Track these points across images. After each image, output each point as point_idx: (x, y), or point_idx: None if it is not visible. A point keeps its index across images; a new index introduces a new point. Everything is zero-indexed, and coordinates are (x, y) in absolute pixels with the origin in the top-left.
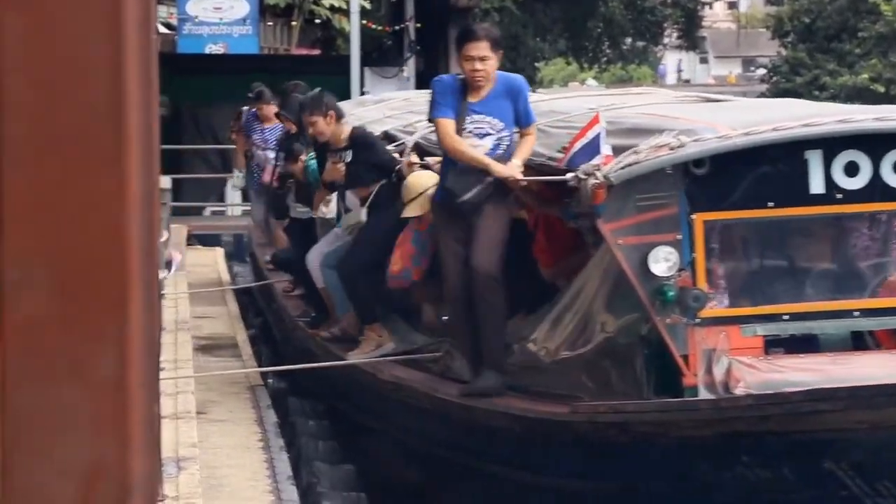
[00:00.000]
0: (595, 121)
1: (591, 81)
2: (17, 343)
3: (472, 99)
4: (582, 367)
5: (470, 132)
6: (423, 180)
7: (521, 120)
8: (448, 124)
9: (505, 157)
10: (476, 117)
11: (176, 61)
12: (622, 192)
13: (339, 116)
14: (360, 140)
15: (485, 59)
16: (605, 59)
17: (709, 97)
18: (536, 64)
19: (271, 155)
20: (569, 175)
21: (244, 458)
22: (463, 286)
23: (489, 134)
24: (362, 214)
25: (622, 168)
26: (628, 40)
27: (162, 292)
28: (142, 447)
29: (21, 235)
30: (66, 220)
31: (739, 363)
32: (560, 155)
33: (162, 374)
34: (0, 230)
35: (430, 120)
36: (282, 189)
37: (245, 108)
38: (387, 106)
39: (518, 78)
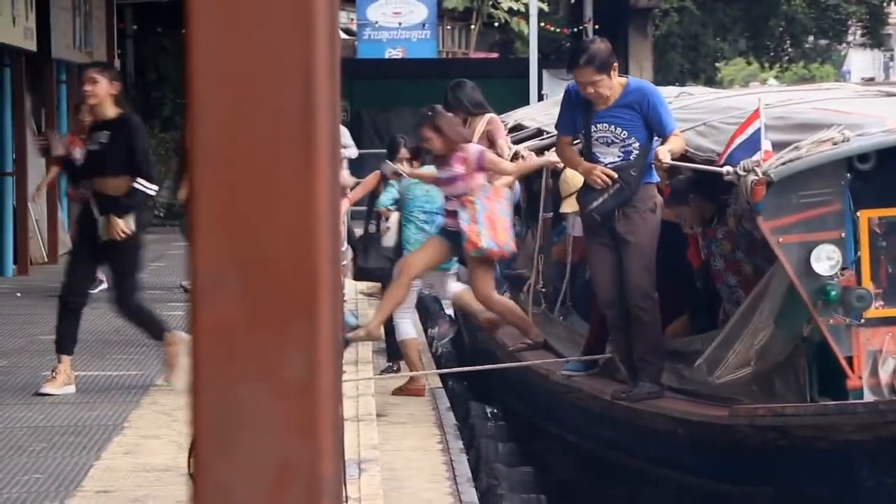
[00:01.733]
0: (755, 116)
1: (772, 81)
2: (208, 345)
3: (597, 108)
4: (749, 376)
5: (597, 140)
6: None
7: (656, 129)
8: (563, 139)
9: (640, 167)
10: (600, 126)
11: (356, 66)
12: (783, 189)
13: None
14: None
15: (594, 83)
16: (786, 58)
17: (892, 91)
18: (717, 64)
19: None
20: (726, 169)
21: (424, 459)
22: (616, 294)
23: (613, 143)
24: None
25: (782, 164)
26: (810, 38)
27: (343, 297)
28: (331, 449)
29: (213, 239)
30: (257, 224)
31: None
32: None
33: (343, 377)
34: (193, 234)
35: None
36: None
37: None
38: None
39: (646, 87)
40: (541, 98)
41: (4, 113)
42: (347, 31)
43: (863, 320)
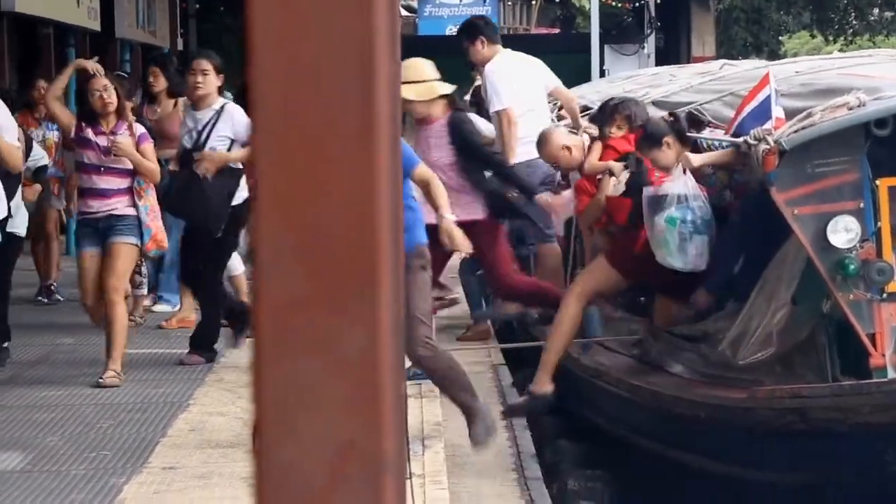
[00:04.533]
0: (765, 82)
1: (836, 55)
2: (269, 323)
3: None
4: (772, 357)
5: None
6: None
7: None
8: None
9: None
10: None
11: (416, 43)
12: (796, 158)
13: None
14: None
15: None
16: (851, 31)
17: None
18: (780, 37)
19: None
20: (742, 140)
21: None
22: None
23: None
24: None
25: (795, 132)
26: (876, 11)
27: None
28: (392, 426)
29: (274, 215)
30: (317, 200)
31: None
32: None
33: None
34: (257, 211)
35: None
36: None
37: None
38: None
39: None
40: (602, 74)
41: (69, 93)
42: (408, 8)
43: (885, 295)
